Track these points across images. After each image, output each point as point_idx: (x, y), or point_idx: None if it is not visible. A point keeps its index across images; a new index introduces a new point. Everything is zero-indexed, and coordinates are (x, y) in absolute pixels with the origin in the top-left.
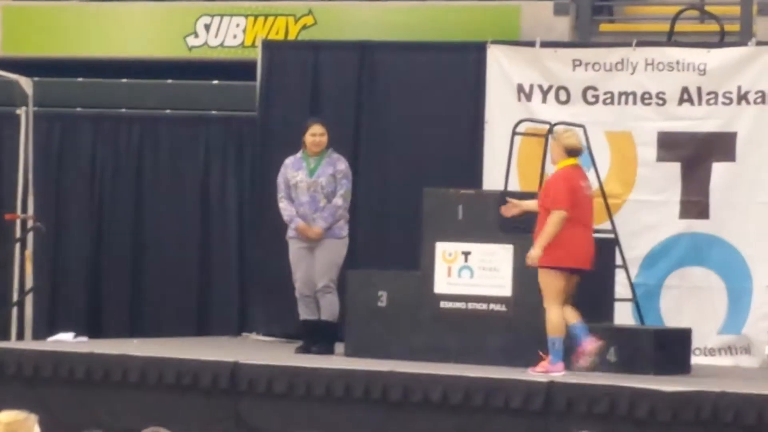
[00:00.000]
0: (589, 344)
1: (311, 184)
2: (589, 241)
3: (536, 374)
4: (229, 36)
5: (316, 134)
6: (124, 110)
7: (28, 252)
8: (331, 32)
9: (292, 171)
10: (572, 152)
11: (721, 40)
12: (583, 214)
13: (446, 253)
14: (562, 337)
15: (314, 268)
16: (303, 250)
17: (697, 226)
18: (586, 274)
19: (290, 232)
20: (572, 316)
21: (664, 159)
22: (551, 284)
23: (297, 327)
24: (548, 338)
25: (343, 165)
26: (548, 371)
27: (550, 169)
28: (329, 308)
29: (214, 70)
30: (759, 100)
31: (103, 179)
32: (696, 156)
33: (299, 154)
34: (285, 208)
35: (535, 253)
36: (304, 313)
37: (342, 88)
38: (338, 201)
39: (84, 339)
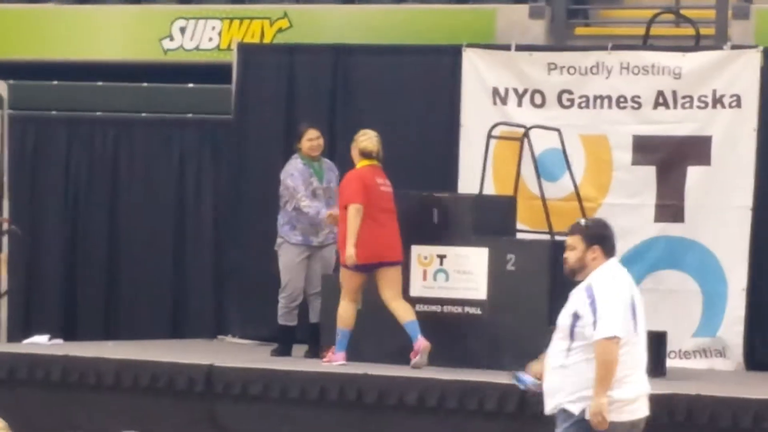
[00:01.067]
0: (420, 343)
1: (325, 191)
2: (387, 234)
3: (324, 364)
4: (204, 39)
5: (313, 138)
6: (99, 113)
7: (3, 255)
8: (306, 35)
9: (308, 177)
10: (366, 155)
11: (697, 43)
12: (380, 210)
13: (422, 257)
14: (347, 330)
15: (310, 272)
16: (305, 260)
17: (672, 229)
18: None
19: (297, 238)
20: (406, 314)
21: (639, 162)
22: (347, 281)
23: (273, 329)
24: (337, 329)
25: (336, 169)
26: (331, 361)
27: (526, 172)
28: (318, 311)
29: (189, 73)
30: (734, 104)
31: (78, 182)
32: (671, 159)
33: (300, 161)
34: (309, 205)
35: (350, 252)
36: (286, 319)
37: (317, 91)
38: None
39: (59, 341)
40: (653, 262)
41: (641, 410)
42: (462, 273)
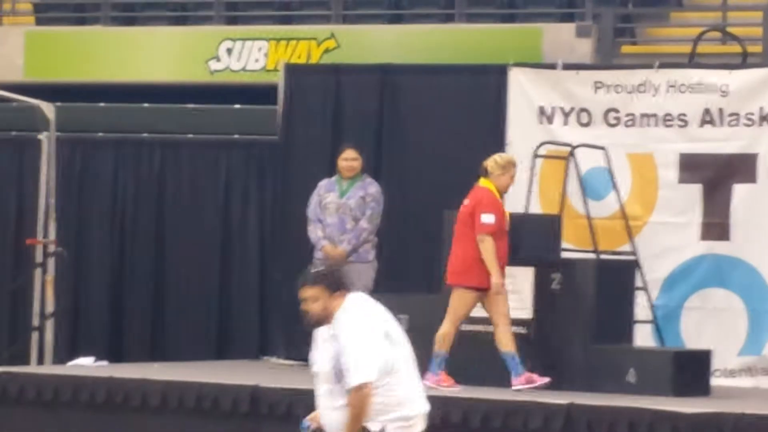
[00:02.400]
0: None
1: (340, 206)
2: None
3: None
4: (251, 60)
5: (348, 159)
6: (145, 135)
7: (50, 277)
8: (352, 55)
9: (325, 192)
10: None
11: (743, 61)
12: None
13: None
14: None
15: None
16: None
17: (717, 247)
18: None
19: (317, 254)
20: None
21: (685, 180)
22: (463, 306)
23: None
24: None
25: (374, 189)
26: (449, 386)
27: (572, 191)
28: None
29: (236, 94)
30: None
31: (125, 204)
32: (717, 177)
33: (334, 177)
34: (312, 230)
35: (499, 281)
36: None
37: (364, 111)
38: (364, 224)
39: (104, 363)
40: (699, 280)
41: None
42: (508, 292)
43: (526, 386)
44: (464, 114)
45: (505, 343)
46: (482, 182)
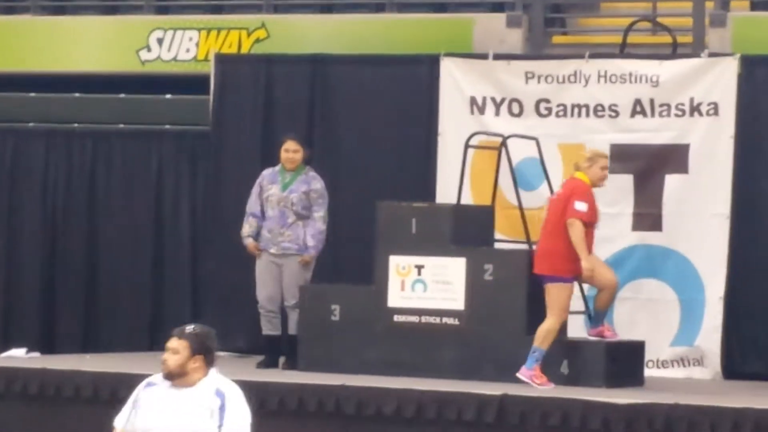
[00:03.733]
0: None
1: (282, 199)
2: None
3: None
4: (182, 50)
5: (289, 150)
6: (76, 125)
7: None
8: (284, 46)
9: (268, 183)
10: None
11: (674, 51)
12: None
13: (400, 267)
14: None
15: (283, 284)
16: (271, 265)
17: (650, 238)
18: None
19: (262, 243)
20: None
21: (616, 171)
22: (563, 298)
23: (250, 341)
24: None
25: (318, 184)
26: (543, 384)
27: (504, 182)
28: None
29: (167, 84)
30: (711, 112)
31: (56, 194)
32: (649, 168)
33: (277, 168)
34: (245, 222)
35: (588, 265)
36: (267, 329)
37: (295, 101)
38: (321, 226)
39: (36, 354)
40: (631, 270)
41: None
42: (440, 283)
43: (526, 379)
44: (396, 104)
45: (541, 339)
46: (577, 174)
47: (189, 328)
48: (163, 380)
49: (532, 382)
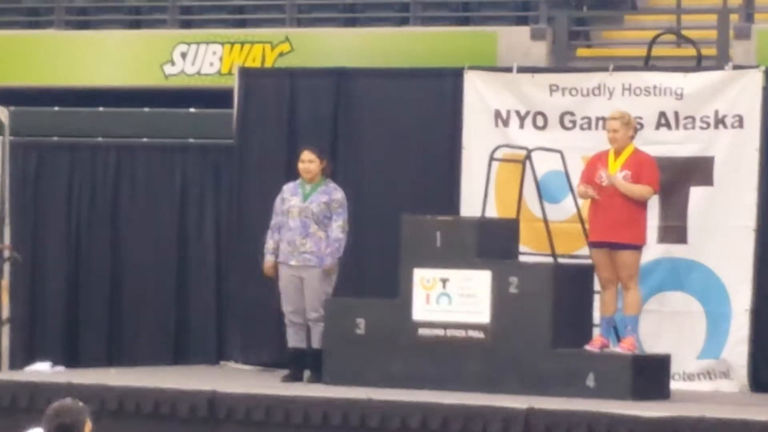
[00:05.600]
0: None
1: (303, 210)
2: None
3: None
4: (205, 64)
5: (304, 161)
6: (100, 139)
7: (5, 282)
8: (307, 59)
9: (288, 195)
10: None
11: (698, 64)
12: None
13: (424, 280)
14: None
15: (305, 296)
16: (294, 278)
17: (675, 250)
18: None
19: (281, 257)
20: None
21: None
22: (637, 265)
23: (274, 355)
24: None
25: (339, 194)
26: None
27: (528, 195)
28: (322, 337)
29: (191, 97)
30: (736, 124)
31: (80, 208)
32: (674, 180)
33: (298, 181)
34: (268, 238)
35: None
36: (294, 341)
37: (319, 114)
38: (339, 234)
39: (61, 369)
40: (657, 283)
41: None
42: (465, 296)
43: (625, 351)
44: (420, 118)
45: (635, 306)
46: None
47: (49, 411)
48: None
49: (628, 351)
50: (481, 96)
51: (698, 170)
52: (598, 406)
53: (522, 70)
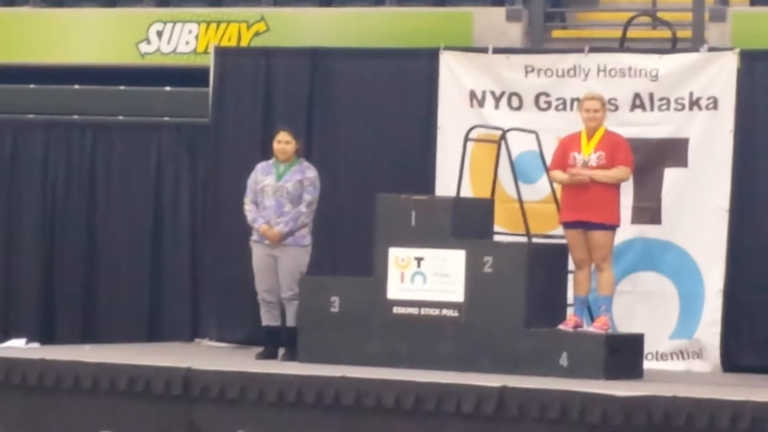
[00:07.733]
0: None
1: (277, 189)
2: None
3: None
4: (181, 42)
5: (281, 141)
6: (76, 117)
7: None
8: (283, 39)
9: (261, 175)
10: None
11: (673, 46)
12: None
13: (399, 259)
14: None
15: (278, 275)
16: (267, 257)
17: (649, 231)
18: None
19: (254, 236)
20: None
21: None
22: (611, 244)
23: (249, 332)
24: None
25: (312, 173)
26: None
27: (503, 175)
28: (295, 315)
29: (166, 76)
30: (711, 106)
31: (55, 186)
32: (648, 161)
33: (271, 160)
34: (250, 210)
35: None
36: (267, 319)
37: (294, 94)
38: (302, 208)
39: (36, 345)
40: (630, 264)
41: None
42: (439, 275)
43: (599, 330)
44: (395, 98)
45: (610, 287)
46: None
47: None
48: None
49: (602, 330)
50: (456, 76)
51: (673, 151)
52: (571, 385)
53: (497, 51)
